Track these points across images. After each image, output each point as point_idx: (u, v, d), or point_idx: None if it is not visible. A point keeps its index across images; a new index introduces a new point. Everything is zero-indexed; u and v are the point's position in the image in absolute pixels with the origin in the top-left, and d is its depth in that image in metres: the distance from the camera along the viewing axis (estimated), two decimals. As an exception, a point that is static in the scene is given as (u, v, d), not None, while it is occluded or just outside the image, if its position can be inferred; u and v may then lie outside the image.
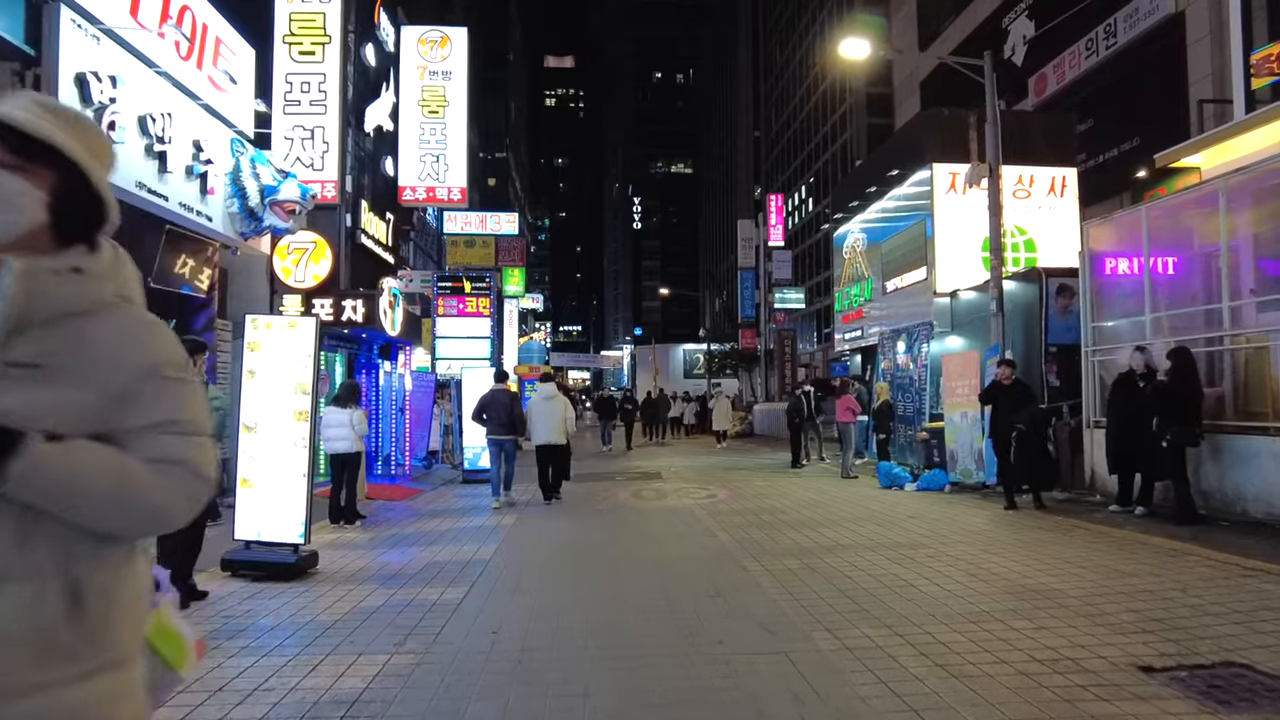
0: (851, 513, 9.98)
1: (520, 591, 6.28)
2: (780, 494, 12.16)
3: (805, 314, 51.39)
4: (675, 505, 11.23)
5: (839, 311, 20.79)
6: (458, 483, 14.95)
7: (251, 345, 7.16)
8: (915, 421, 15.05)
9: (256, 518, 7.01)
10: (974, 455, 12.22)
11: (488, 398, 11.73)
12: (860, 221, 19.03)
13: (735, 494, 12.24)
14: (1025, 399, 9.91)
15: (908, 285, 15.98)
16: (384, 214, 14.24)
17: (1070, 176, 15.22)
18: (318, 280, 12.15)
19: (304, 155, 12.19)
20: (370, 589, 6.44)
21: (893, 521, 9.20)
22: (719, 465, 17.61)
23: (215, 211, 9.59)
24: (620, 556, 7.68)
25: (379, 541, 8.72)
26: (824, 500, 11.28)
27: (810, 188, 57.63)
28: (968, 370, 12.42)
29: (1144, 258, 9.47)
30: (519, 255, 35.19)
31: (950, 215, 14.76)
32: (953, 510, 10.08)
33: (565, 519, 10.20)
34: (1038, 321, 11.81)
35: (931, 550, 7.43)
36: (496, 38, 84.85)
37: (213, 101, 9.45)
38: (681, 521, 9.71)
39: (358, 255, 13.14)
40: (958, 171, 14.72)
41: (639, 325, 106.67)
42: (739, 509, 10.55)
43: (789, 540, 8.16)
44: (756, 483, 13.76)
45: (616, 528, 9.48)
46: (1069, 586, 5.90)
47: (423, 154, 14.81)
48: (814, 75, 56.28)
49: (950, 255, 14.65)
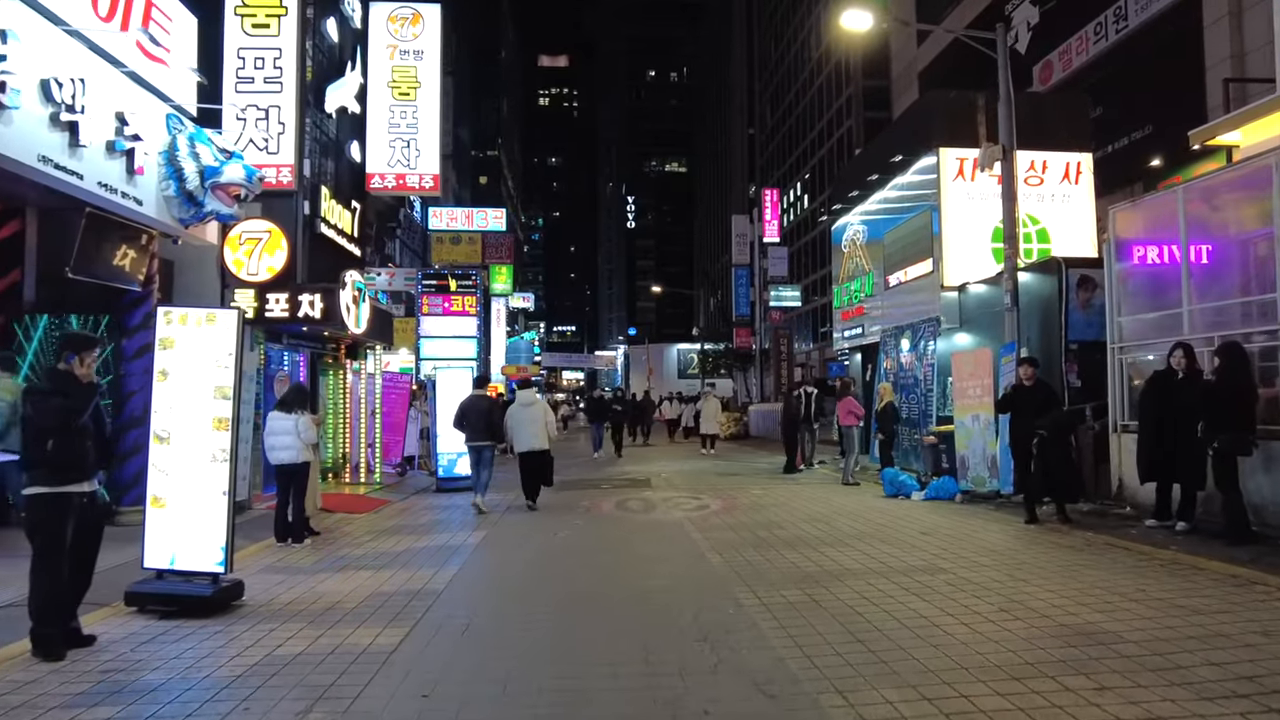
0: (856, 528, 9.01)
1: (469, 636, 5.28)
2: (777, 504, 11.19)
3: (801, 313, 50.46)
4: (663, 518, 10.25)
5: (838, 308, 19.82)
6: (431, 491, 13.95)
7: (164, 342, 6.15)
8: (921, 424, 14.09)
9: (170, 542, 6.01)
10: (987, 461, 11.27)
11: (467, 403, 11.59)
12: (861, 213, 18.06)
13: (729, 504, 11.27)
14: (1048, 401, 8.95)
15: (912, 279, 15.03)
16: (349, 203, 13.22)
17: (1086, 162, 14.28)
18: (272, 273, 11.13)
19: (258, 137, 11.19)
20: (294, 629, 5.44)
21: (904, 539, 8.23)
22: (712, 471, 16.63)
23: (147, 194, 8.57)
24: (595, 586, 6.69)
25: (324, 564, 7.72)
26: (826, 512, 10.30)
27: (806, 184, 56.69)
28: (980, 369, 11.46)
29: (1181, 244, 8.52)
30: (507, 252, 34.18)
31: (958, 204, 13.80)
32: (968, 524, 9.12)
33: (538, 536, 9.21)
34: (1057, 316, 10.86)
35: (952, 576, 6.45)
36: (488, 35, 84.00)
37: (143, 71, 8.44)
38: (669, 539, 8.72)
39: (318, 247, 12.13)
40: (966, 157, 13.77)
41: (633, 325, 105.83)
42: (733, 523, 9.57)
43: (788, 563, 7.18)
44: (752, 491, 12.78)
45: (595, 548, 8.48)
46: (1125, 627, 4.94)
47: (392, 139, 13.79)
48: (810, 69, 55.35)
49: (958, 246, 13.70)
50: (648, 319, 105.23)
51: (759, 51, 71.57)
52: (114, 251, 8.60)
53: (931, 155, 14.08)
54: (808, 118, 56.24)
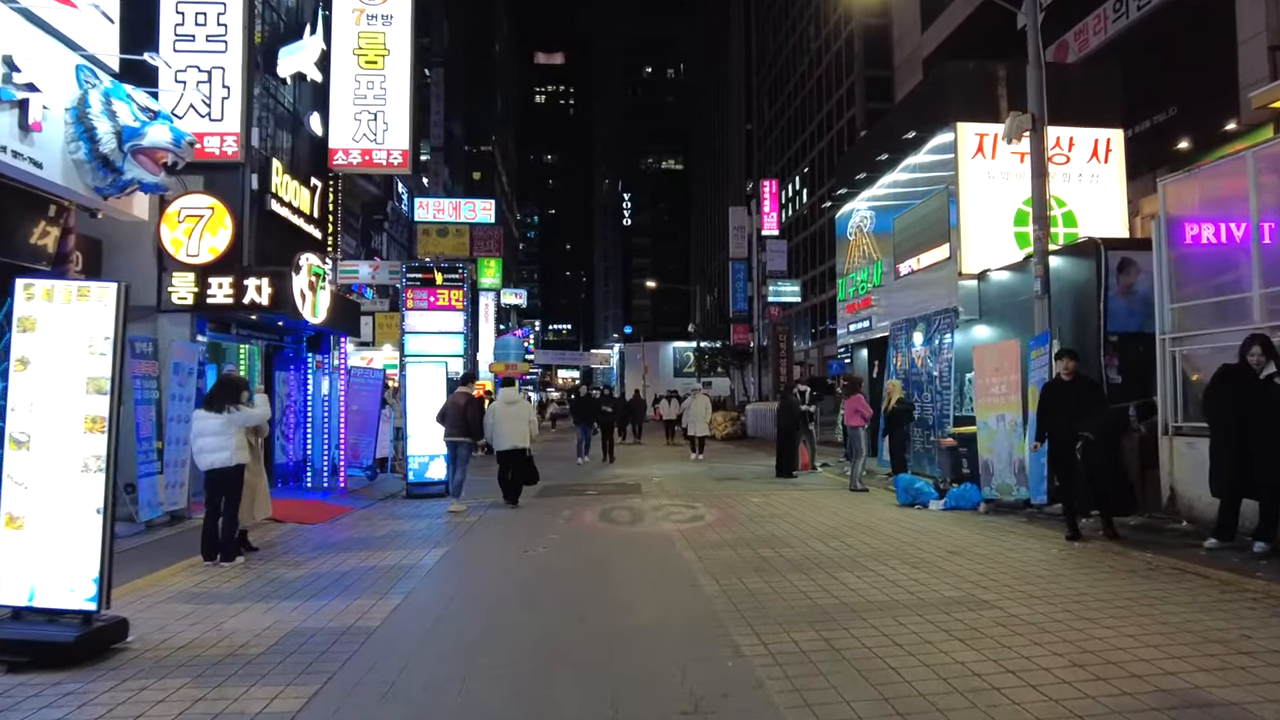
0: (873, 545, 7.83)
1: (390, 702, 4.09)
2: (780, 515, 10.01)
3: (798, 310, 49.28)
4: (652, 531, 9.05)
5: (842, 301, 18.60)
6: (400, 497, 12.75)
7: (23, 323, 4.95)
8: (936, 425, 12.94)
9: (28, 573, 4.82)
10: (1013, 467, 10.10)
11: (448, 400, 11.59)
12: (868, 199, 16.85)
13: (726, 514, 10.08)
14: (1092, 400, 7.78)
15: (926, 267, 13.84)
16: (308, 179, 12.00)
17: (1116, 139, 13.10)
18: (215, 254, 9.92)
19: (199, 101, 9.97)
20: (170, 688, 4.25)
21: (930, 559, 7.05)
22: (708, 475, 15.44)
23: (49, 156, 7.34)
24: (563, 626, 5.49)
25: (249, 590, 6.52)
26: (836, 525, 9.12)
27: (805, 178, 55.53)
28: (1005, 364, 10.29)
29: (1251, 219, 7.35)
30: (496, 245, 32.94)
31: (978, 184, 12.61)
32: (1001, 540, 7.94)
33: (507, 554, 8.01)
34: (1093, 304, 9.70)
35: (999, 613, 5.28)
36: (482, 28, 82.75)
37: (43, 10, 7.22)
38: (657, 558, 7.53)
39: (270, 226, 10.91)
40: (986, 132, 12.59)
41: (629, 323, 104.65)
42: (730, 538, 8.38)
43: (797, 592, 6.00)
44: (752, 499, 11.60)
45: (570, 570, 7.28)
46: (1248, 696, 3.76)
47: (358, 111, 12.56)
48: (809, 60, 54.15)
49: (978, 230, 12.51)
50: (644, 317, 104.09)
51: (757, 44, 70.38)
52: (12, 223, 7.39)
53: (948, 131, 12.90)
54: (807, 110, 55.05)
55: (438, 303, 29.71)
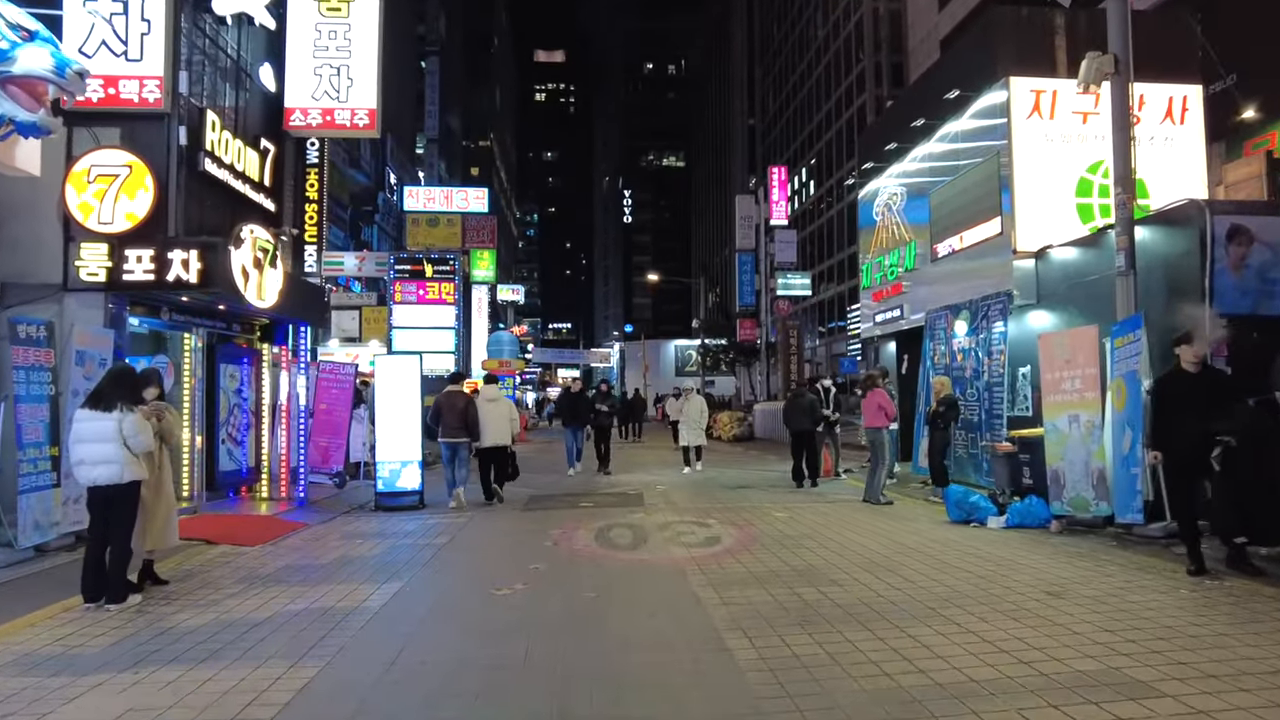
0: (942, 580, 6.14)
1: None
2: (811, 534, 8.32)
3: (805, 307, 47.57)
4: (657, 561, 7.35)
5: (866, 289, 16.85)
6: (369, 510, 11.07)
7: None
8: (982, 427, 11.26)
9: None
10: (1090, 477, 8.42)
11: (443, 399, 11.21)
12: (898, 174, 15.10)
13: (747, 535, 8.39)
14: (1230, 395, 6.10)
15: (971, 246, 12.14)
16: (257, 142, 10.31)
17: (1193, 97, 11.40)
18: (133, 221, 8.24)
19: (112, 37, 8.28)
20: None
21: (1027, 606, 5.37)
22: (717, 482, 13.75)
23: (-121, 81, 5.68)
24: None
25: (123, 652, 4.84)
26: (883, 550, 7.44)
27: (811, 170, 53.80)
28: (1079, 355, 8.61)
29: None
30: (489, 235, 31.27)
31: (1034, 148, 10.90)
32: (1103, 575, 6.25)
33: (474, 596, 6.30)
34: (1193, 282, 8.01)
35: (1179, 706, 3.59)
36: (481, 21, 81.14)
37: None
38: (667, 604, 5.82)
39: (204, 192, 9.23)
40: (1043, 89, 10.89)
41: (629, 322, 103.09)
42: (758, 570, 6.69)
43: (866, 663, 4.31)
44: (774, 513, 9.91)
45: (551, 624, 5.56)
46: None
47: (318, 64, 10.87)
48: (817, 47, 52.39)
49: (1034, 202, 10.81)
50: (644, 316, 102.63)
51: (760, 34, 68.67)
52: None
53: (998, 89, 11.19)
54: (813, 100, 53.31)
55: (427, 296, 28.13)
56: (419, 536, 8.82)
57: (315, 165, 29.78)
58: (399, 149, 43.47)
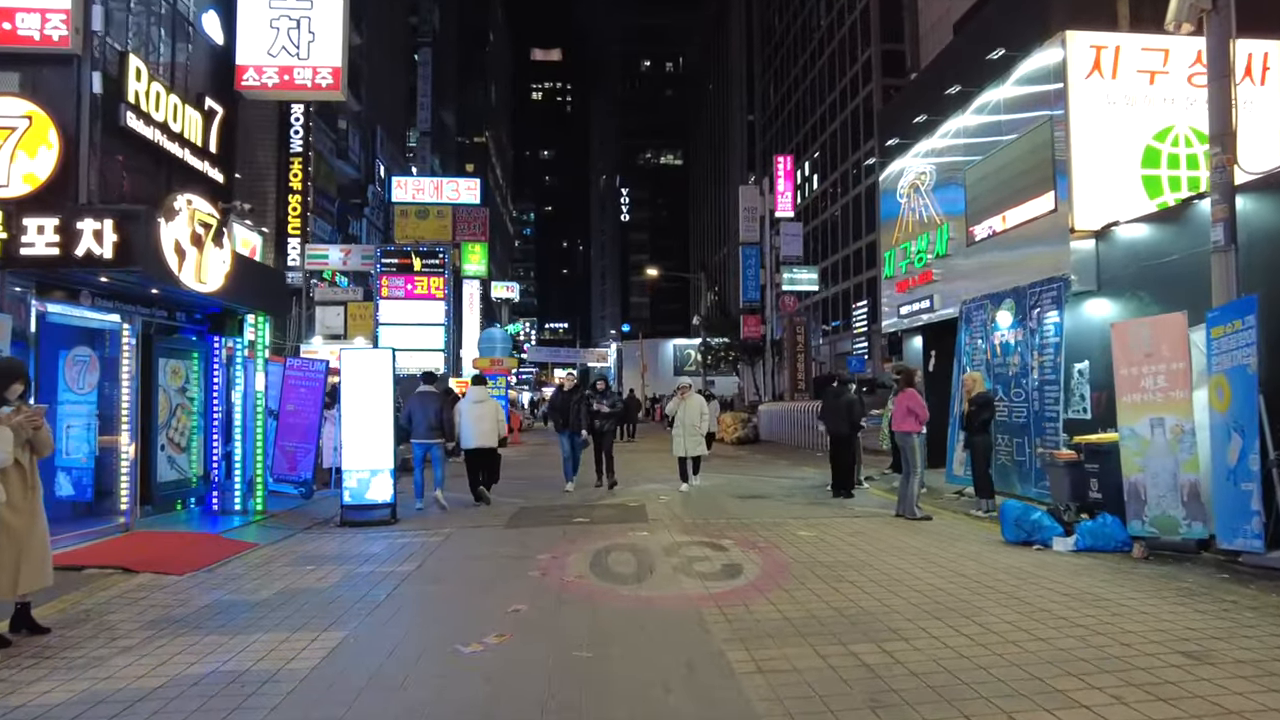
0: (1037, 632, 4.78)
1: None
2: (850, 560, 6.96)
3: (810, 304, 46.22)
4: (668, 601, 5.96)
5: (888, 278, 15.45)
6: (333, 525, 9.69)
7: None
8: (1032, 432, 9.91)
9: None
10: (1179, 493, 7.10)
11: (415, 401, 10.97)
12: (926, 152, 13.69)
13: (774, 562, 7.02)
14: None
15: (1014, 227, 10.78)
16: (200, 101, 8.91)
17: (1275, 52, 10.09)
18: (33, 184, 6.88)
19: (8, -36, 6.90)
20: None
21: (1165, 675, 4.02)
22: (727, 490, 12.38)
23: None
24: None
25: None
26: (946, 585, 6.08)
27: (815, 163, 52.40)
28: (1164, 347, 7.28)
29: None
30: (482, 228, 29.87)
31: (1095, 112, 9.53)
32: (1241, 624, 4.90)
33: (433, 656, 4.91)
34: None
35: None
36: (476, 17, 79.78)
37: None
38: (682, 671, 4.43)
39: (128, 152, 7.85)
40: (1105, 44, 9.53)
41: (627, 321, 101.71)
42: (796, 615, 5.32)
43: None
44: (798, 531, 8.55)
45: (523, 706, 4.19)
46: None
47: (275, 16, 9.48)
48: (820, 38, 50.97)
49: (1095, 174, 9.45)
50: (642, 315, 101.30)
51: (760, 26, 67.27)
52: None
53: (1052, 46, 9.82)
54: (817, 91, 51.89)
55: (416, 291, 26.78)
56: (382, 561, 7.45)
57: (299, 154, 28.21)
58: (390, 141, 42.08)
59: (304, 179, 27.67)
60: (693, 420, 12.32)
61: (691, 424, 12.30)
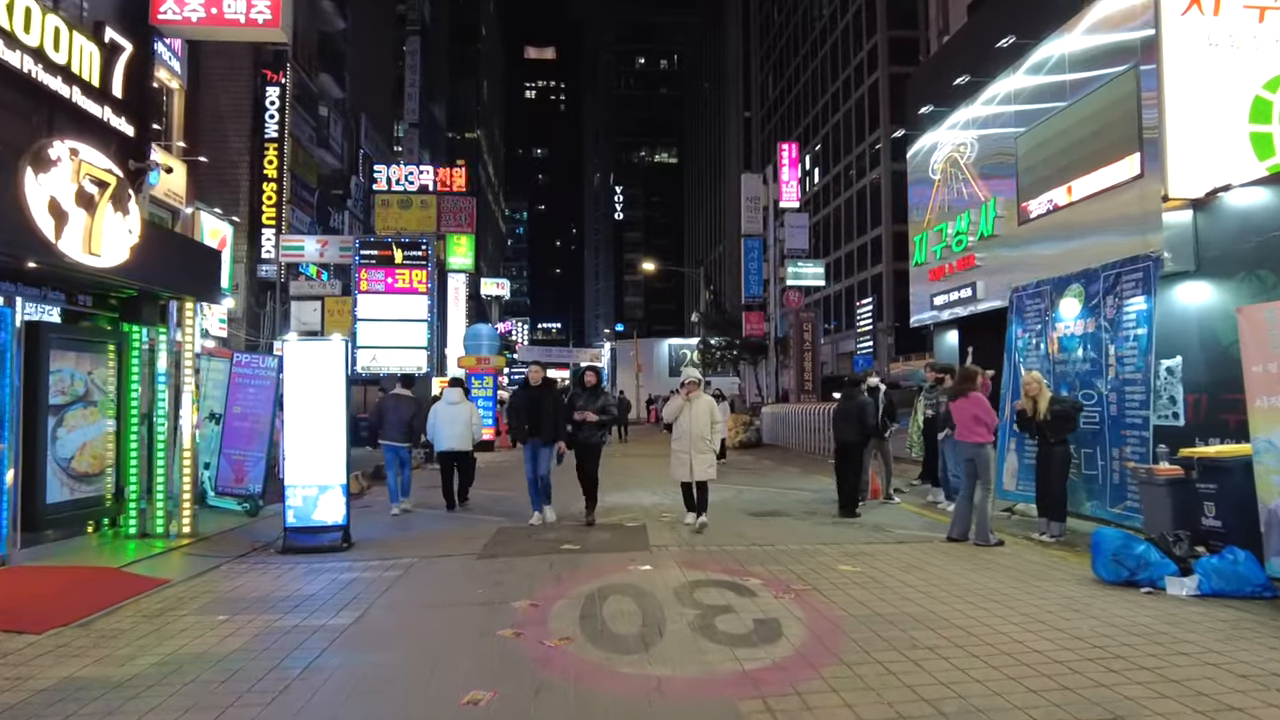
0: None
1: None
2: (919, 614, 5.35)
3: (811, 301, 44.64)
4: (690, 689, 4.32)
5: (919, 265, 13.79)
6: (272, 552, 8.05)
7: None
8: (1112, 440, 8.31)
9: None
10: (1337, 524, 5.49)
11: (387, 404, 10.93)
12: (965, 121, 12.05)
13: (819, 617, 5.40)
14: None
15: (1082, 199, 9.19)
16: (100, 32, 7.25)
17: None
18: None
19: None
20: None
21: None
22: (738, 506, 10.77)
23: None
24: None
25: None
26: (1061, 654, 4.48)
27: (817, 156, 50.82)
28: (1314, 338, 5.68)
29: None
30: (468, 219, 28.22)
31: (1194, 57, 7.94)
32: None
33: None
34: None
35: None
36: (468, 11, 78.09)
37: None
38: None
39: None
40: (1206, -24, 7.97)
41: (621, 321, 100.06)
42: (875, 712, 3.70)
43: None
44: (837, 564, 6.94)
45: None
46: None
47: (201, -65, 7.86)
48: (822, 25, 49.34)
49: (1193, 131, 7.87)
50: (636, 315, 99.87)
51: (759, 18, 65.68)
52: None
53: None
54: (819, 81, 50.28)
55: (397, 284, 25.05)
56: (315, 608, 5.81)
57: (274, 140, 26.25)
58: (375, 131, 40.38)
59: (279, 166, 26.05)
60: (701, 429, 8.67)
61: (699, 434, 8.66)
